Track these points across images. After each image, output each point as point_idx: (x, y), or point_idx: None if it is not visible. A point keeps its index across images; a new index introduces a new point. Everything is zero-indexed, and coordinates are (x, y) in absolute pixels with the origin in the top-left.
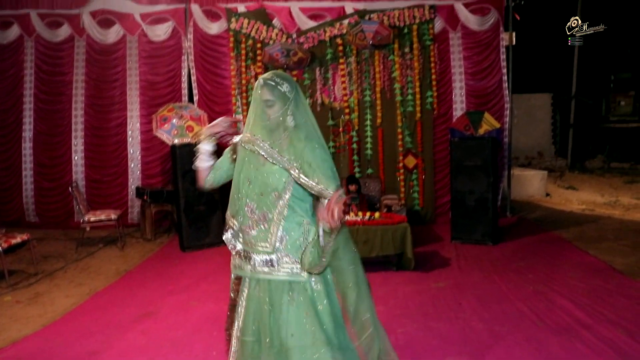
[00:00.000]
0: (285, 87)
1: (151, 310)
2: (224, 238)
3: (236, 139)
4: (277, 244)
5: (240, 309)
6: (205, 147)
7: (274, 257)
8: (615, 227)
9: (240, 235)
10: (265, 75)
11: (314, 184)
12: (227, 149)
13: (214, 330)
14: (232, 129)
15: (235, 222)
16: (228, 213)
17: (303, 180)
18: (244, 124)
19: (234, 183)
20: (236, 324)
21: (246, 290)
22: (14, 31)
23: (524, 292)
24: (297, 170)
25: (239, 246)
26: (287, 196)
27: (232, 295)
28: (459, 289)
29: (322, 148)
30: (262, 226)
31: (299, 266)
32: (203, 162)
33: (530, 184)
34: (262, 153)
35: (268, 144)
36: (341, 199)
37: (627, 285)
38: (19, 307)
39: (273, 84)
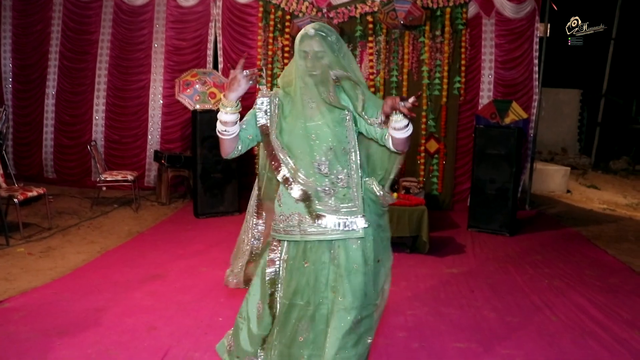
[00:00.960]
0: (333, 38)
1: (160, 273)
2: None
3: (261, 97)
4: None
5: (281, 273)
6: (230, 118)
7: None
8: (636, 229)
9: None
10: (312, 25)
11: (374, 118)
12: (251, 112)
13: (220, 296)
14: (252, 79)
15: (294, 189)
16: (289, 174)
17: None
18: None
19: (286, 143)
20: (278, 287)
21: (285, 254)
22: None
23: (538, 286)
24: (360, 102)
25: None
26: (357, 148)
27: (267, 258)
28: (472, 277)
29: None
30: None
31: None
32: (228, 133)
33: (552, 179)
34: (338, 74)
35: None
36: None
37: None
38: (31, 259)
39: (323, 34)
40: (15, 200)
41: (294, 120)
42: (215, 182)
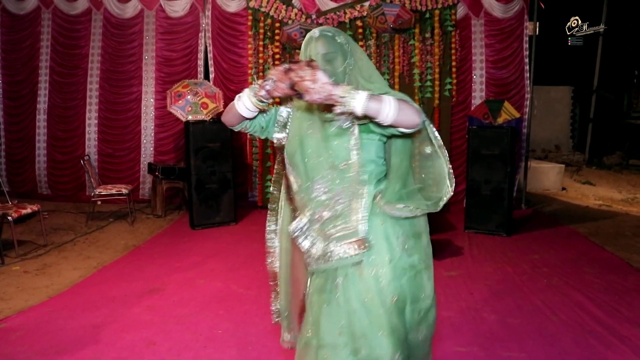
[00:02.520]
0: (342, 39)
1: (158, 287)
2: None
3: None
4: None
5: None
6: (250, 104)
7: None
8: (633, 224)
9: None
10: (317, 28)
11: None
12: (275, 110)
13: (220, 309)
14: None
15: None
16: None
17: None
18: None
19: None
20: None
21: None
22: (31, 2)
23: (537, 285)
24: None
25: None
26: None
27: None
28: (471, 279)
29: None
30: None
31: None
32: (243, 110)
33: (547, 177)
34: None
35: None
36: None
37: None
38: (27, 277)
39: (330, 34)
40: (10, 218)
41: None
42: (210, 193)
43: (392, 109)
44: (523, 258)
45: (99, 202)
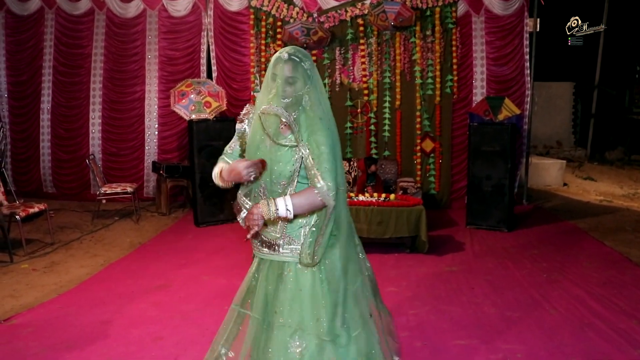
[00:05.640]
0: (307, 65)
1: (163, 283)
2: (238, 219)
3: (245, 120)
4: (285, 228)
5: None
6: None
7: (280, 241)
8: (633, 219)
9: None
10: (287, 49)
11: (313, 167)
12: (236, 136)
13: (224, 304)
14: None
15: (248, 202)
16: (240, 192)
17: (309, 162)
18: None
19: (246, 157)
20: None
21: (253, 268)
22: (35, 3)
23: (537, 280)
24: (307, 151)
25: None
26: (294, 182)
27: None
28: (472, 274)
29: (331, 134)
30: None
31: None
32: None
33: (548, 172)
34: (278, 112)
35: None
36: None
37: None
38: (35, 275)
39: (297, 60)
40: (17, 217)
41: (253, 138)
42: (214, 191)
43: (303, 209)
44: (523, 253)
45: (104, 201)
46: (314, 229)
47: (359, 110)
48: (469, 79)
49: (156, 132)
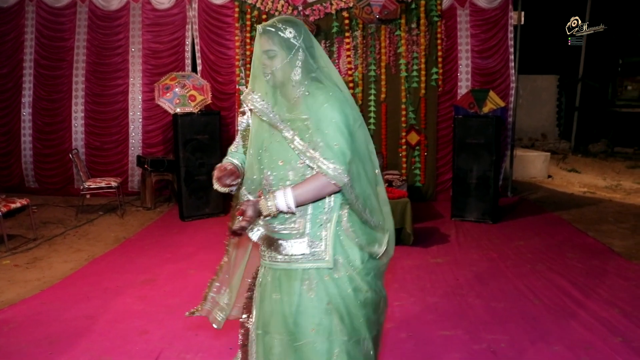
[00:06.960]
0: (288, 33)
1: (149, 277)
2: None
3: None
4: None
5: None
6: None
7: (305, 239)
8: (615, 210)
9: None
10: (269, 21)
11: (309, 150)
12: (238, 133)
13: None
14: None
15: (250, 197)
16: (244, 188)
17: (297, 144)
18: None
19: (250, 150)
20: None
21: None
22: None
23: (521, 271)
24: (290, 132)
25: (259, 232)
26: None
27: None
28: (457, 266)
29: (338, 103)
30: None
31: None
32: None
33: (533, 165)
34: (254, 107)
35: (265, 101)
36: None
37: (624, 267)
38: (18, 271)
39: (273, 30)
40: None
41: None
42: (199, 185)
43: (309, 195)
44: (508, 244)
45: (88, 196)
46: (337, 227)
47: None
48: (454, 71)
49: (140, 126)
